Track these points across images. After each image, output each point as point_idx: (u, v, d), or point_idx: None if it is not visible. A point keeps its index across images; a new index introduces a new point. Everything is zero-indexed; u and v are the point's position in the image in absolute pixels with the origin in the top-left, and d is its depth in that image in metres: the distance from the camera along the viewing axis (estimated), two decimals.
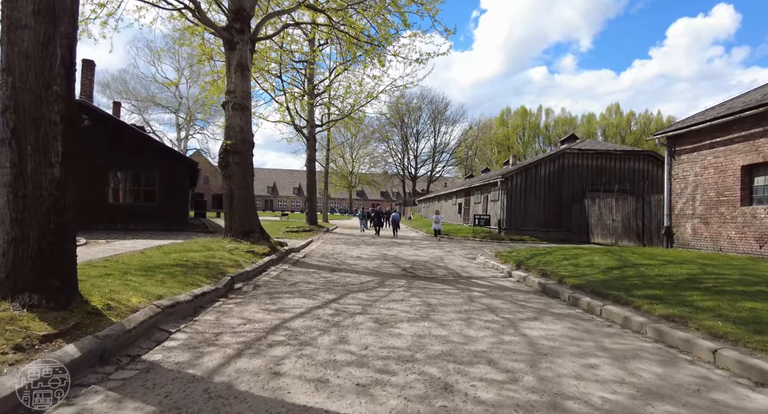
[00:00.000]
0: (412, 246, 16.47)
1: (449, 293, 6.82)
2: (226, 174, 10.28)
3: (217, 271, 6.96)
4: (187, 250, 8.77)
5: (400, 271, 9.44)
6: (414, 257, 12.33)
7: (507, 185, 20.97)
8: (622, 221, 17.03)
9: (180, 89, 39.65)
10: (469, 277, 8.84)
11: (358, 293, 6.50)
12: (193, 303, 5.01)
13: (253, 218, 10.61)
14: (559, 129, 78.01)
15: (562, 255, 10.49)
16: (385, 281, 7.84)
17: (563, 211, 21.06)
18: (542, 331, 4.67)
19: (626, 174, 21.16)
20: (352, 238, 20.10)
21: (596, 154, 21.16)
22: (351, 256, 12.13)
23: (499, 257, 11.68)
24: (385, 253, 13.32)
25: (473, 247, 16.32)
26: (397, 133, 65.99)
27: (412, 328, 4.63)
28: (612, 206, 17.81)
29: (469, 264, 11.21)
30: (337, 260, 10.86)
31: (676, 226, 13.40)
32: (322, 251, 13.10)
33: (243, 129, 10.42)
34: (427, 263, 11.03)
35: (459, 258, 12.60)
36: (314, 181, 23.05)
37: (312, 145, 22.81)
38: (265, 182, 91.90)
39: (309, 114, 22.57)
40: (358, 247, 15.25)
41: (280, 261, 9.72)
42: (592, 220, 19.30)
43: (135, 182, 16.16)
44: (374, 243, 17.33)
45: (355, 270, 9.25)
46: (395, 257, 12.16)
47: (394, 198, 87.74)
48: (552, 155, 21.38)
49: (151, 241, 11.80)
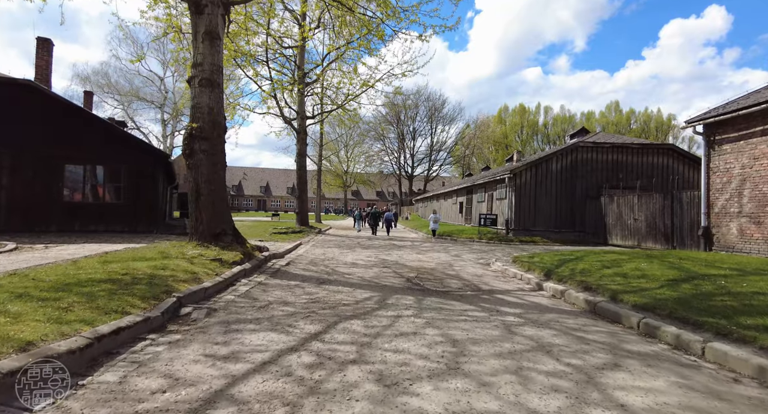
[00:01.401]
0: (413, 249, 14.70)
1: (476, 319, 5.04)
2: (191, 164, 8.45)
3: (162, 289, 5.15)
4: (137, 258, 6.94)
5: (403, 282, 7.66)
6: (418, 263, 10.56)
7: (515, 182, 19.25)
8: (646, 221, 15.35)
9: (165, 83, 37.68)
10: (492, 291, 7.08)
11: (352, 321, 4.71)
12: (89, 351, 3.19)
13: (224, 218, 8.78)
14: (558, 127, 76.73)
15: (598, 261, 8.75)
16: (387, 299, 6.05)
17: (576, 210, 19.37)
18: (643, 396, 2.91)
19: (644, 169, 19.50)
20: (346, 240, 18.30)
21: (612, 148, 19.48)
22: (344, 262, 10.33)
23: (519, 264, 9.94)
24: (384, 258, 11.53)
25: (482, 251, 14.58)
26: (393, 131, 64.31)
27: (439, 394, 2.85)
28: (634, 204, 16.14)
29: (485, 272, 9.45)
30: (327, 268, 9.06)
31: (716, 226, 11.71)
32: (311, 256, 11.29)
33: (212, 110, 8.59)
34: (434, 271, 9.26)
35: (470, 264, 10.84)
36: (305, 179, 21.19)
37: (302, 139, 20.94)
38: (258, 182, 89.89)
39: (299, 105, 20.71)
40: (353, 250, 13.45)
41: (255, 271, 7.90)
42: (609, 220, 17.62)
43: (97, 177, 14.17)
44: (371, 246, 15.54)
45: (348, 282, 7.46)
46: (396, 263, 10.38)
47: (390, 198, 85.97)
48: (564, 149, 19.69)
49: (104, 245, 9.94)
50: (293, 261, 10.04)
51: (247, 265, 7.67)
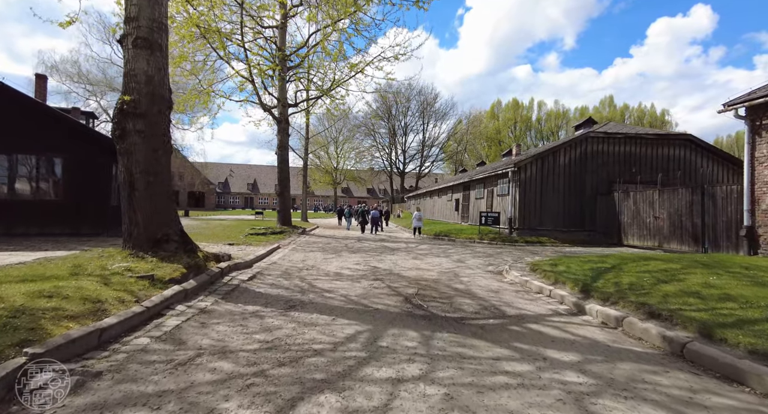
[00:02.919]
0: (408, 252, 12.83)
1: (520, 380, 3.18)
2: (122, 149, 6.45)
3: (20, 336, 3.21)
4: (28, 276, 4.95)
5: (401, 303, 5.78)
6: (416, 272, 8.69)
7: (519, 176, 17.46)
8: (669, 219, 13.66)
9: None
10: (521, 318, 5.23)
11: (322, 396, 2.82)
12: None
13: (167, 219, 6.78)
14: (552, 123, 75.57)
15: (644, 271, 6.96)
16: (379, 338, 4.16)
17: (586, 208, 17.67)
18: None
19: (659, 162, 17.85)
20: (332, 241, 16.36)
21: (624, 139, 17.77)
22: (326, 272, 8.41)
23: (540, 273, 8.12)
24: (376, 265, 9.63)
25: (487, 255, 12.75)
26: (384, 126, 62.36)
27: None
28: (654, 200, 14.44)
29: (501, 285, 7.60)
30: (303, 282, 7.14)
31: (763, 226, 10.03)
32: (287, 264, 9.35)
33: (152, 79, 6.60)
34: (438, 284, 7.40)
35: (480, 273, 9.00)
36: (287, 174, 19.17)
37: (284, 129, 18.86)
38: (245, 179, 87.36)
39: (280, 91, 18.64)
40: (339, 255, 11.54)
41: (202, 290, 5.94)
42: (625, 218, 15.92)
43: (27, 170, 11.91)
44: (360, 248, 13.63)
45: (327, 305, 5.55)
46: (390, 273, 8.49)
47: (381, 195, 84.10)
48: (572, 140, 17.93)
49: (14, 255, 7.88)
50: (262, 272, 8.09)
51: (191, 282, 5.71)
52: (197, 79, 17.97)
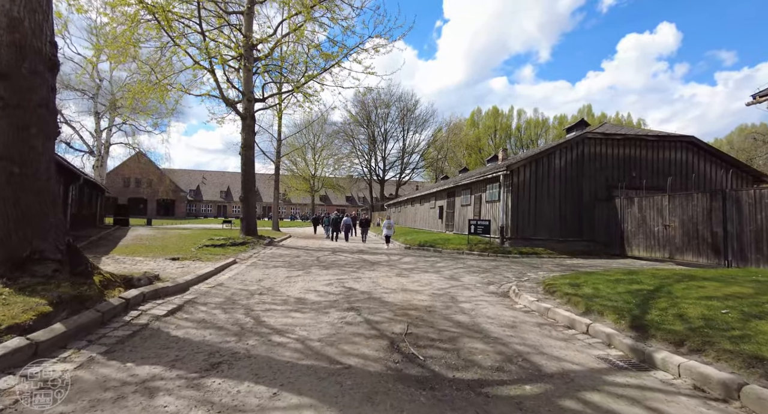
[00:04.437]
0: (390, 267, 10.92)
1: None
2: None
3: None
4: None
5: (386, 353, 3.88)
6: (403, 296, 6.78)
7: (512, 180, 15.84)
8: (683, 228, 12.19)
9: (99, 69, 32.37)
10: (569, 380, 3.39)
11: None
12: None
13: (43, 230, 4.67)
14: (531, 131, 75.56)
15: (709, 297, 5.24)
16: None
17: (584, 215, 16.16)
18: None
19: (660, 166, 16.55)
20: (303, 253, 14.30)
21: (624, 141, 16.40)
22: (285, 298, 6.41)
23: (560, 297, 6.34)
24: (351, 286, 7.67)
25: (483, 269, 10.96)
26: (363, 132, 60.63)
27: None
28: (663, 207, 12.98)
29: (515, 315, 5.76)
30: (248, 316, 5.13)
31: None
32: (236, 287, 7.29)
33: (18, 23, 4.55)
34: (433, 314, 5.53)
35: (481, 295, 7.16)
36: (252, 176, 17.00)
37: (249, 127, 16.73)
38: (218, 186, 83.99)
39: (245, 84, 16.56)
40: (308, 272, 9.53)
41: (77, 338, 3.85)
42: (629, 226, 14.44)
43: None
44: (334, 263, 11.63)
45: (273, 359, 3.59)
46: (369, 298, 6.56)
47: (361, 203, 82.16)
48: (568, 142, 16.45)
49: None
50: (196, 300, 6.02)
51: (54, 329, 3.63)
52: (149, 69, 15.78)
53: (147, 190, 66.82)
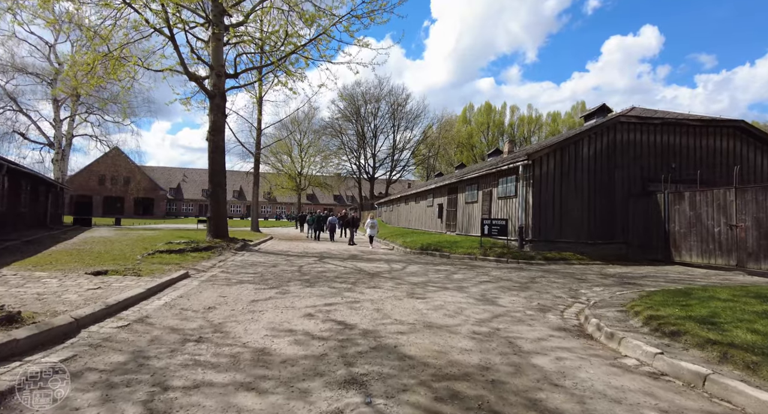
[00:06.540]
0: (395, 280, 8.31)
1: None
2: None
3: None
4: None
5: None
6: (430, 341, 4.18)
7: (534, 172, 13.34)
8: (759, 229, 9.83)
9: (57, 51, 28.95)
10: None
11: None
12: None
13: None
14: (524, 128, 73.74)
15: None
16: None
17: (617, 213, 13.76)
18: None
19: (704, 156, 14.25)
20: (282, 261, 11.60)
21: (662, 126, 14.04)
22: (236, 353, 3.76)
23: (692, 344, 3.77)
24: (347, 320, 5.03)
25: (517, 283, 8.41)
26: (351, 127, 57.84)
27: None
28: (727, 203, 10.62)
29: (643, 387, 3.18)
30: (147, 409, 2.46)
31: None
32: (166, 324, 4.61)
33: None
34: (500, 390, 2.93)
35: (555, 338, 4.59)
36: (222, 166, 14.17)
37: (218, 106, 13.88)
38: (200, 185, 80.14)
39: (214, 55, 13.74)
40: (284, 291, 6.85)
41: None
42: (676, 227, 12.05)
43: None
44: (321, 274, 8.97)
45: None
46: (376, 347, 3.94)
47: (350, 202, 79.31)
48: (597, 127, 13.97)
49: None
50: (72, 359, 3.32)
51: None
52: (94, 34, 12.87)
53: (123, 188, 62.91)
